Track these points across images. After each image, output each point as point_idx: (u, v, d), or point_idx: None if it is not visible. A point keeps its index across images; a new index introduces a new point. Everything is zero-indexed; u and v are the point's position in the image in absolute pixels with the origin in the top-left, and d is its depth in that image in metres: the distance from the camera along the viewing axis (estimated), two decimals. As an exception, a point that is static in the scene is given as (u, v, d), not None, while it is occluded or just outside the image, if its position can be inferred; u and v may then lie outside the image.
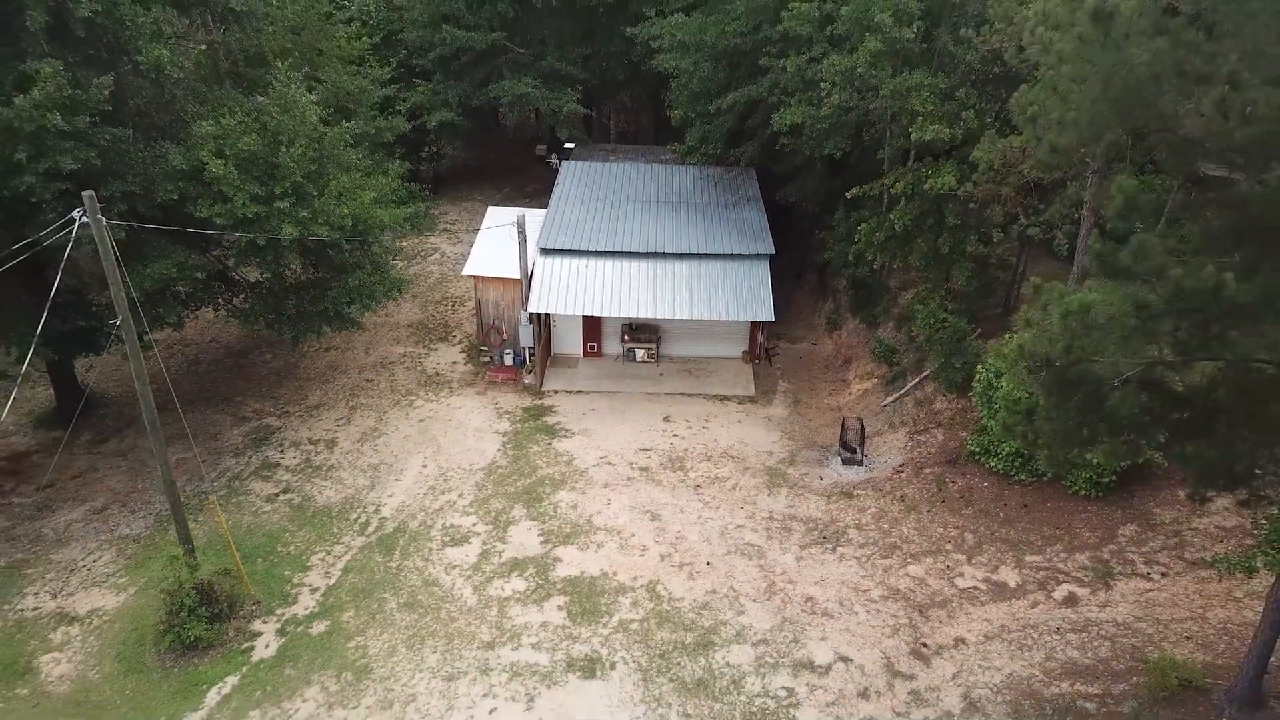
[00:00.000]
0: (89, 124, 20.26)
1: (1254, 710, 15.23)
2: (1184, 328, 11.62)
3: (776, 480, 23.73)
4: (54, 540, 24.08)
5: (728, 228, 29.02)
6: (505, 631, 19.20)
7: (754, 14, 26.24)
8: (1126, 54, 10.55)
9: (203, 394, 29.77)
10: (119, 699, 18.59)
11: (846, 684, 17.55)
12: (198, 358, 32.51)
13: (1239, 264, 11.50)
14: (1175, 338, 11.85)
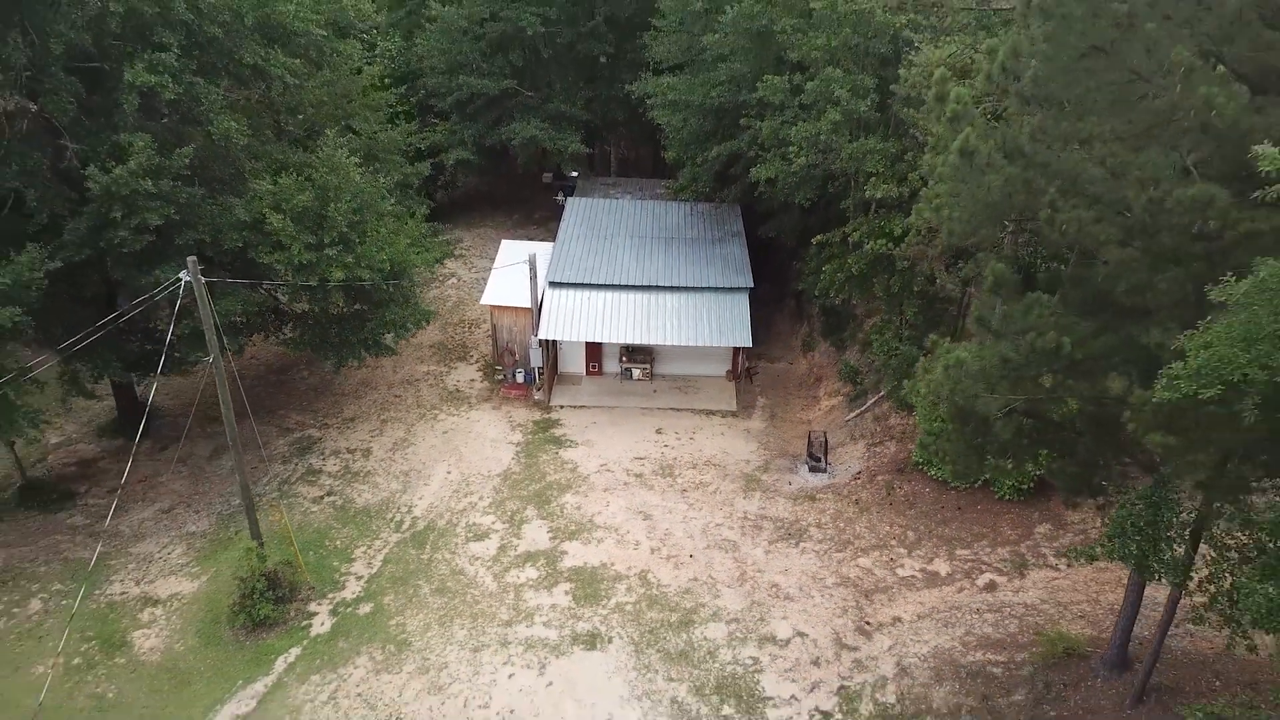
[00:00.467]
0: (170, 185, 24.05)
1: (1121, 671, 18.96)
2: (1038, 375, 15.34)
3: (752, 485, 27.50)
4: (130, 536, 27.86)
5: (713, 262, 32.80)
6: (521, 612, 22.96)
7: (734, 81, 30.03)
8: (986, 179, 14.28)
9: (249, 408, 33.55)
10: (202, 666, 22.36)
11: (802, 654, 21.30)
12: (241, 374, 36.14)
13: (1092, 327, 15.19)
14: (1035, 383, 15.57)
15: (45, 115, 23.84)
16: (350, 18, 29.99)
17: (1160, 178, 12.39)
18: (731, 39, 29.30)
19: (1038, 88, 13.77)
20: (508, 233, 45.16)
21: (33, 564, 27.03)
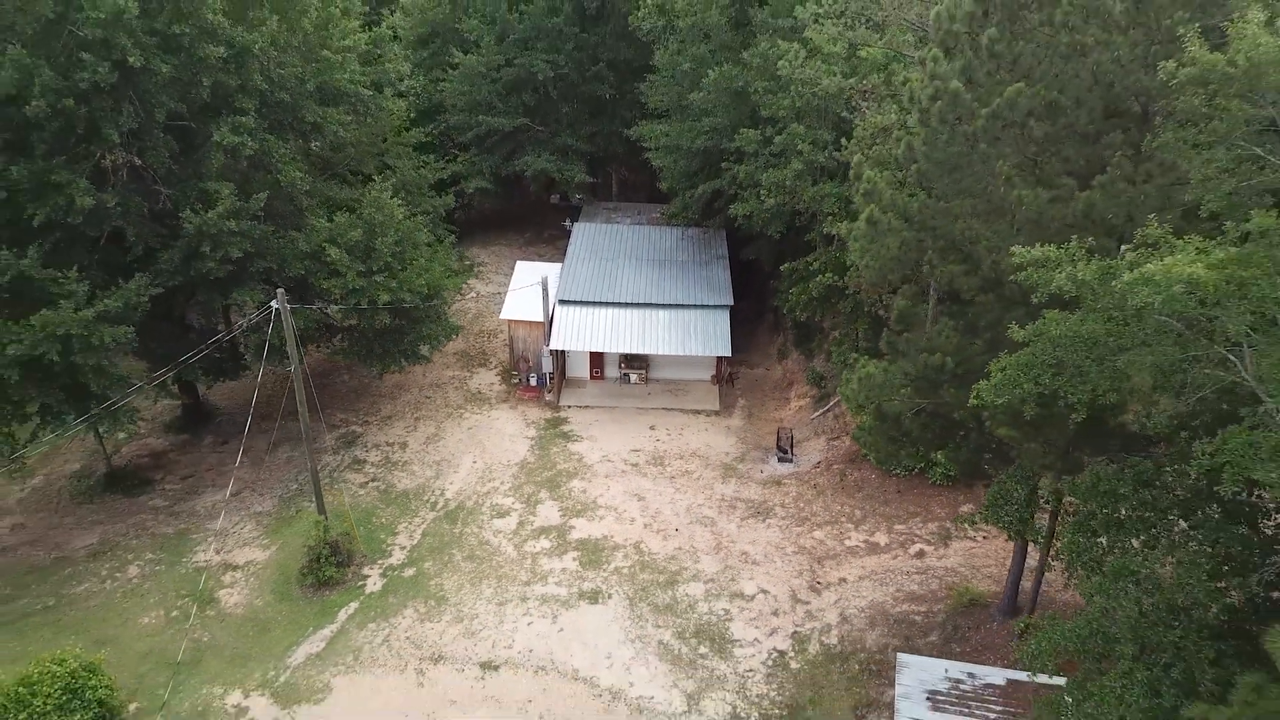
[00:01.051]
0: (248, 224, 28.98)
1: (1012, 615, 23.87)
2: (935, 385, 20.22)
3: (729, 473, 32.43)
4: (205, 515, 32.85)
5: (700, 283, 37.74)
6: (537, 574, 27.91)
7: (716, 131, 34.94)
8: (888, 240, 19.19)
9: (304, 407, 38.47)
10: (278, 617, 27.31)
11: (764, 607, 26.22)
12: (289, 377, 41.26)
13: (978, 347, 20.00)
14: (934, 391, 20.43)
15: (145, 167, 28.84)
16: (391, 78, 34.91)
17: (1001, 246, 17.30)
18: (713, 96, 34.28)
19: (922, 176, 18.70)
20: (520, 250, 50.12)
21: (125, 538, 32.06)
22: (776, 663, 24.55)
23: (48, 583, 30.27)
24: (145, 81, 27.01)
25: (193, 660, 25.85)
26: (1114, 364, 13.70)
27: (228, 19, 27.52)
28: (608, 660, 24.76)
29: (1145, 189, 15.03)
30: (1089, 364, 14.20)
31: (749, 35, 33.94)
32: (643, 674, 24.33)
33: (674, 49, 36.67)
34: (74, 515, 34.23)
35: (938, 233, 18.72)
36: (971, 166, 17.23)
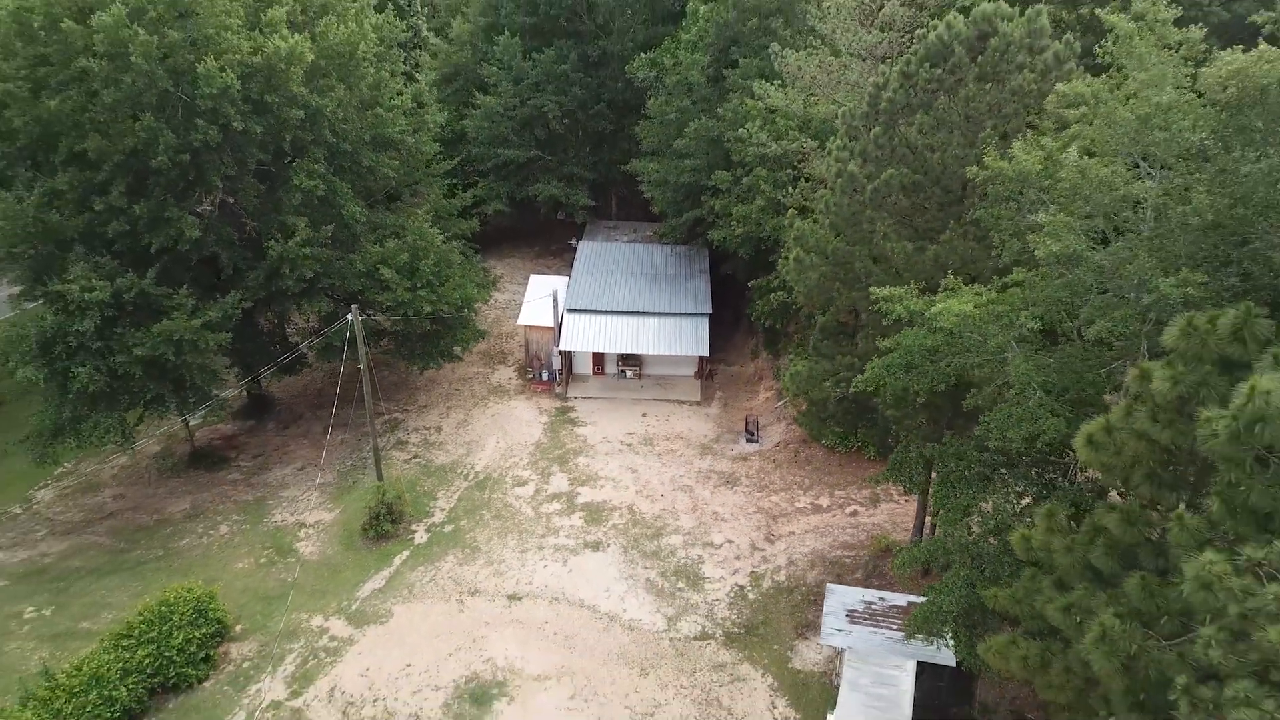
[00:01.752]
0: (319, 250, 35.83)
1: (916, 557, 30.64)
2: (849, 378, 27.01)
3: (706, 451, 39.30)
4: (277, 486, 39.73)
5: (684, 294, 44.57)
6: (550, 529, 34.77)
7: (696, 170, 41.77)
8: (810, 273, 26.03)
9: (347, 398, 45.36)
10: (346, 562, 34.18)
11: (729, 553, 33.07)
12: (335, 373, 48.11)
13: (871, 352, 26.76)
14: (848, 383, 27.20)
15: (237, 204, 35.73)
16: (429, 125, 41.73)
17: (885, 282, 24.10)
18: (693, 142, 41.12)
19: (833, 226, 25.54)
20: (531, 262, 56.98)
21: (213, 504, 38.98)
22: (737, 595, 31.44)
23: (155, 539, 37.24)
24: (241, 138, 33.86)
25: (280, 594, 32.76)
26: (939, 365, 20.54)
27: (305, 87, 34.37)
28: (606, 593, 31.64)
29: (970, 245, 21.87)
30: (927, 364, 21.04)
31: (724, 91, 40.73)
32: (633, 603, 31.22)
33: (662, 100, 43.52)
34: (165, 487, 41.19)
35: (844, 269, 25.55)
36: (863, 224, 24.08)
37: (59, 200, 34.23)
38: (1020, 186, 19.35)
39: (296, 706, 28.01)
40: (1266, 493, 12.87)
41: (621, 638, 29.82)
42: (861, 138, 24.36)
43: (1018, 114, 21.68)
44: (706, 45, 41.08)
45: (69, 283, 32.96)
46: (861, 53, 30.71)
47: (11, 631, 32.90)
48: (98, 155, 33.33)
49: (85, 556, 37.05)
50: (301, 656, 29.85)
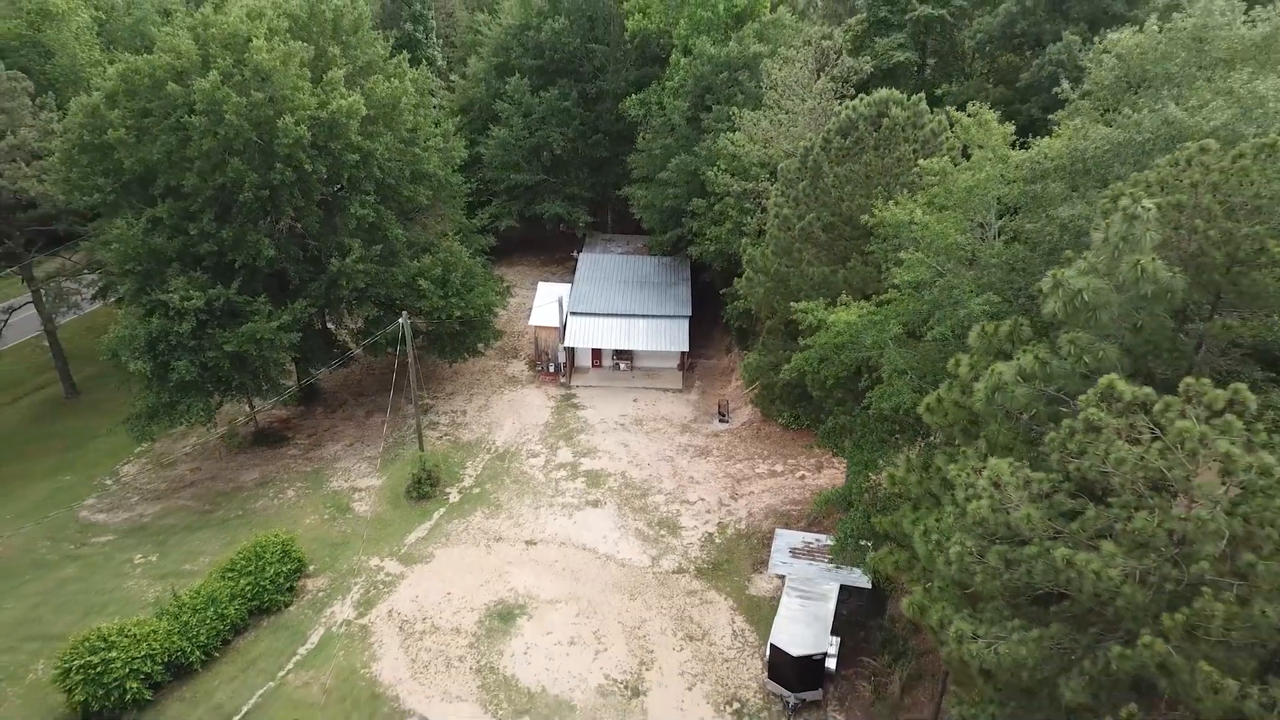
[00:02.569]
0: (370, 266, 43.61)
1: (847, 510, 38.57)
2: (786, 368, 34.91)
3: (685, 430, 47.22)
4: (331, 459, 47.57)
5: (668, 299, 52.42)
6: (559, 491, 42.65)
7: (677, 197, 49.59)
8: (759, 286, 33.88)
9: (384, 388, 53.21)
10: (393, 517, 42.04)
11: (701, 508, 41.00)
12: (372, 366, 56.00)
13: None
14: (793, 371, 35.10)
15: (303, 229, 43.50)
16: (454, 159, 49.51)
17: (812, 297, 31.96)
18: (675, 175, 48.93)
19: (775, 252, 33.39)
20: (537, 270, 64.77)
21: (278, 474, 46.79)
22: (707, 540, 39.38)
23: (233, 501, 45.08)
24: (309, 177, 41.62)
25: (343, 542, 40.64)
26: (841, 357, 28.43)
27: (359, 135, 42.15)
28: (603, 539, 39.56)
29: (869, 270, 29.75)
30: (834, 357, 28.91)
31: (700, 131, 48.50)
32: (625, 546, 39.15)
33: (649, 136, 51.37)
34: (235, 461, 49.01)
35: (782, 285, 33.40)
36: (794, 252, 31.95)
37: (159, 226, 42.05)
38: (895, 231, 27.21)
39: (363, 624, 35.92)
40: (1007, 433, 20.74)
41: (615, 572, 37.76)
42: (794, 188, 32.22)
43: (899, 176, 29.53)
44: (686, 92, 48.91)
45: (170, 293, 40.79)
46: (802, 113, 38.57)
47: (126, 573, 40.75)
48: (192, 190, 41.14)
49: (177, 516, 44.88)
50: (364, 588, 37.75)
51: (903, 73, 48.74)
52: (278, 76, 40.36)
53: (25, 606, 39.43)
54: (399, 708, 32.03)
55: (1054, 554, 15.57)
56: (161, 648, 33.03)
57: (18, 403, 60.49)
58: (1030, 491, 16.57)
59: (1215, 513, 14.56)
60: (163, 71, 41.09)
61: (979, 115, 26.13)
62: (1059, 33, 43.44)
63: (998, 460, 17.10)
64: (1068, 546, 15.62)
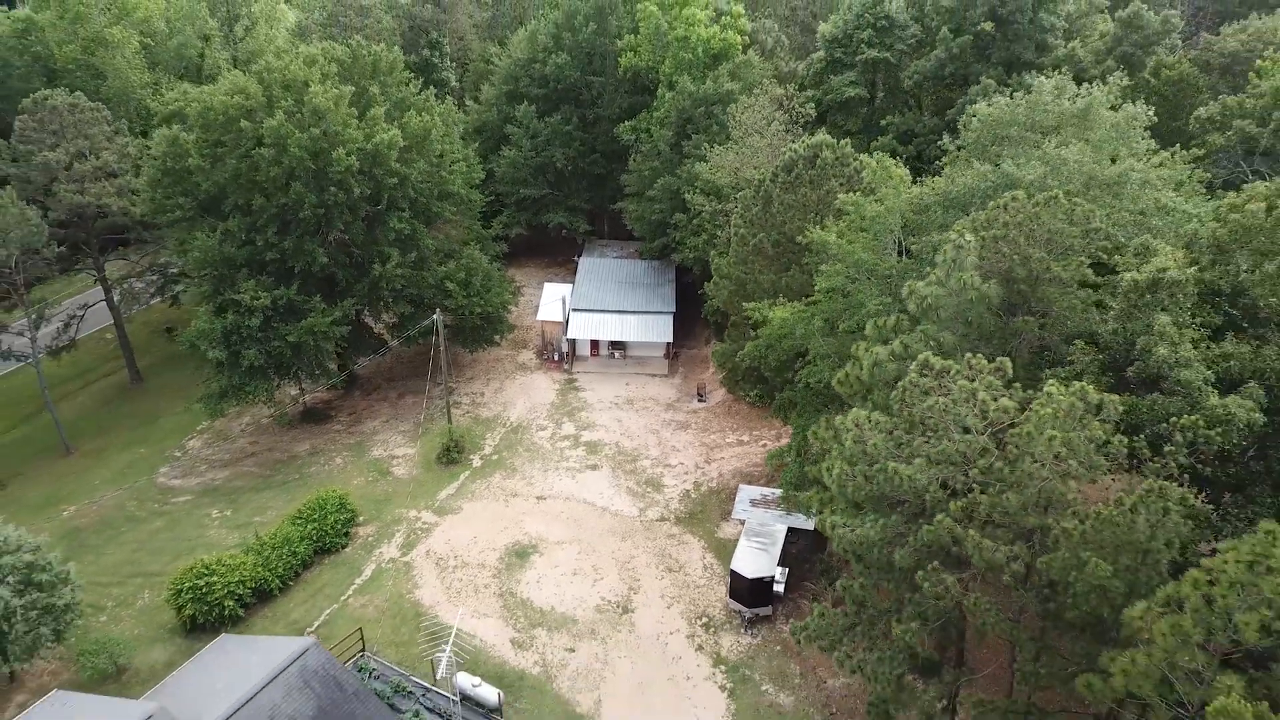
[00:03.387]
0: (406, 270, 51.99)
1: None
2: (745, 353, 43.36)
3: (669, 408, 55.70)
4: (370, 433, 56.03)
5: (655, 298, 60.83)
6: (563, 458, 51.16)
7: (663, 212, 57.91)
8: (724, 289, 42.28)
9: (416, 373, 61.64)
10: (427, 479, 50.51)
11: (680, 470, 49.50)
12: (402, 355, 64.42)
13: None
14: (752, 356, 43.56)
15: (349, 239, 51.86)
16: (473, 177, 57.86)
17: (764, 298, 40.38)
18: (660, 193, 57.24)
19: (735, 262, 41.78)
20: (543, 271, 73.12)
21: (326, 446, 55.23)
22: (684, 495, 47.87)
23: (290, 468, 53.51)
24: (356, 197, 49.97)
25: (386, 498, 49.10)
26: (782, 345, 36.85)
27: (397, 163, 50.47)
28: (600, 494, 48.03)
29: (805, 278, 38.17)
30: (778, 344, 37.32)
31: (682, 156, 56.78)
32: (617, 500, 47.62)
33: (639, 159, 59.72)
34: (287, 435, 57.40)
35: (741, 288, 41.80)
36: (749, 263, 40.38)
37: (230, 237, 50.40)
38: (821, 248, 35.63)
39: (406, 561, 44.40)
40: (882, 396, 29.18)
41: (610, 520, 46.27)
42: (750, 211, 40.61)
43: (828, 205, 37.93)
44: (669, 122, 57.21)
45: (241, 294, 49.16)
46: (762, 148, 46.92)
47: (206, 524, 49.20)
48: (259, 208, 49.48)
49: (243, 480, 53.34)
50: (405, 533, 46.24)
51: (855, 105, 57.05)
52: (331, 115, 48.66)
53: (126, 552, 47.86)
54: (439, 622, 40.52)
55: (889, 468, 24.01)
56: (249, 577, 41.51)
57: (89, 387, 68.91)
58: (879, 429, 25.03)
59: (983, 439, 23.04)
60: (234, 110, 49.34)
61: (882, 161, 34.53)
62: (979, 75, 51.84)
63: (858, 410, 25.52)
64: (898, 463, 24.05)
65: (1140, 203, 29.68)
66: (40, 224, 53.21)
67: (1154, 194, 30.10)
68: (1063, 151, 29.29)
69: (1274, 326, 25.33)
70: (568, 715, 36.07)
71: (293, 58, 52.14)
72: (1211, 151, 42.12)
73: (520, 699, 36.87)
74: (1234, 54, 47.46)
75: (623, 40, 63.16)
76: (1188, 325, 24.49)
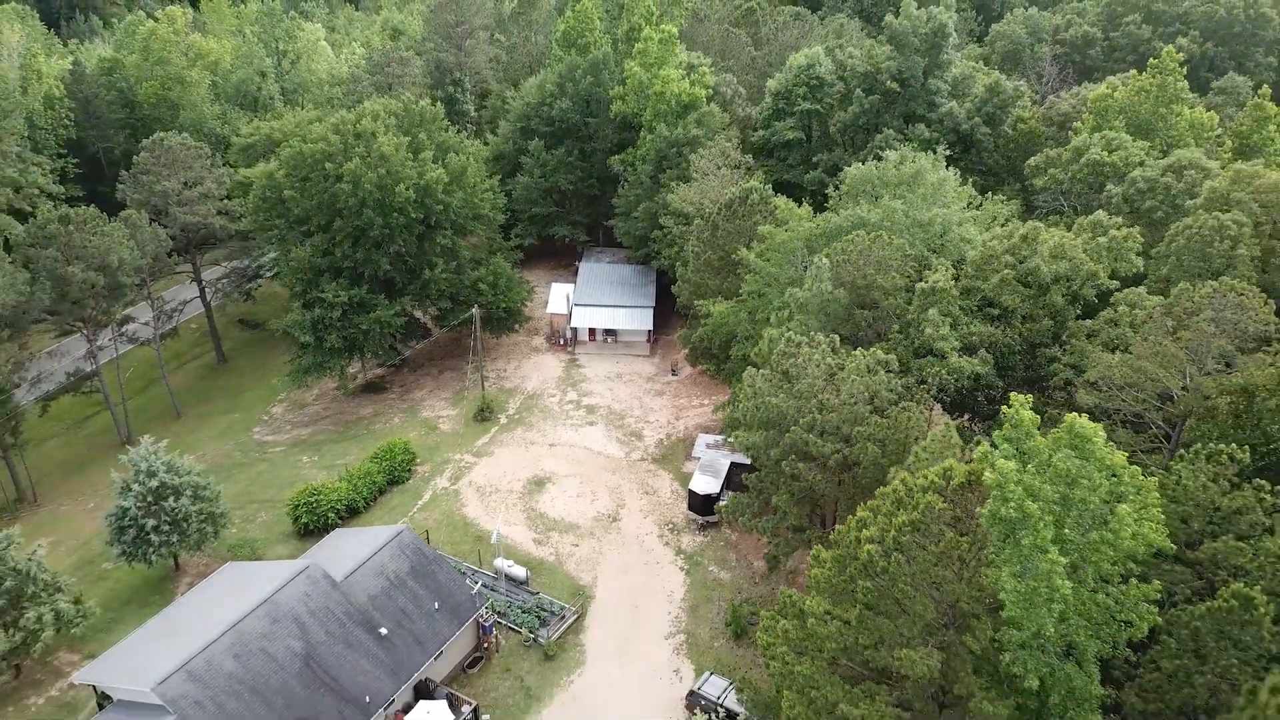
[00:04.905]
0: (450, 275, 67.77)
1: (743, 423, 63.10)
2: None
3: (649, 380, 71.61)
4: (419, 400, 71.99)
5: (639, 295, 76.66)
6: (568, 417, 67.08)
7: (645, 228, 73.54)
8: (684, 291, 58.18)
9: (451, 354, 77.47)
10: (464, 431, 66.36)
11: (657, 425, 65.43)
12: (440, 340, 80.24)
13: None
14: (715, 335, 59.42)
15: (404, 251, 67.63)
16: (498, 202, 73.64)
17: (715, 298, 56.27)
18: (642, 215, 72.93)
19: (693, 270, 57.65)
20: (549, 273, 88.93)
21: (385, 410, 71.19)
22: (659, 442, 63.81)
23: (358, 426, 69.44)
24: (411, 220, 65.71)
25: (435, 446, 65.00)
26: (722, 330, 52.66)
27: (443, 194, 66.17)
28: (596, 442, 63.95)
29: (737, 283, 53.98)
30: (720, 329, 53.10)
31: (659, 186, 72.28)
32: (610, 447, 63.53)
33: (626, 187, 75.44)
34: (352, 403, 73.32)
35: (698, 290, 57.61)
36: (701, 271, 56.25)
37: (315, 250, 66.15)
38: (748, 264, 51.39)
39: (455, 489, 60.33)
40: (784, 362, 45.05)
41: (603, 460, 62.23)
42: (703, 235, 56.36)
43: (755, 232, 53.63)
44: (649, 159, 72.80)
45: (324, 293, 64.95)
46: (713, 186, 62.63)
47: (300, 466, 65.07)
48: (337, 228, 65.19)
49: (323, 435, 69.26)
50: (453, 470, 62.16)
51: (794, 144, 72.67)
52: (393, 158, 64.33)
53: (241, 486, 63.72)
54: (481, 528, 56.45)
55: (768, 401, 39.86)
56: (344, 498, 57.40)
57: (184, 366, 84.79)
58: (766, 380, 40.91)
59: (819, 383, 38.98)
60: (319, 155, 64.99)
61: (788, 202, 50.26)
62: (885, 124, 67.57)
63: (751, 370, 41.40)
64: (774, 398, 39.89)
65: (946, 236, 45.44)
66: (166, 238, 68.93)
67: (957, 229, 45.87)
68: (894, 203, 45.09)
69: (1007, 316, 41.20)
70: (573, 584, 52.04)
71: (361, 113, 67.74)
72: (1037, 190, 57.98)
73: (540, 576, 52.82)
74: (1066, 114, 63.03)
75: (614, 90, 78.73)
76: (948, 315, 40.30)
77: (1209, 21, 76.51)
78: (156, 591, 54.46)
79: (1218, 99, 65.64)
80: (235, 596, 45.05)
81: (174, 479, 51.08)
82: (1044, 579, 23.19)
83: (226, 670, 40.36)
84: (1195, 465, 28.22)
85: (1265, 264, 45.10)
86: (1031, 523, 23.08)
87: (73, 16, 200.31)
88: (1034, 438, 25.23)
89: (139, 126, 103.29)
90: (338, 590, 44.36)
